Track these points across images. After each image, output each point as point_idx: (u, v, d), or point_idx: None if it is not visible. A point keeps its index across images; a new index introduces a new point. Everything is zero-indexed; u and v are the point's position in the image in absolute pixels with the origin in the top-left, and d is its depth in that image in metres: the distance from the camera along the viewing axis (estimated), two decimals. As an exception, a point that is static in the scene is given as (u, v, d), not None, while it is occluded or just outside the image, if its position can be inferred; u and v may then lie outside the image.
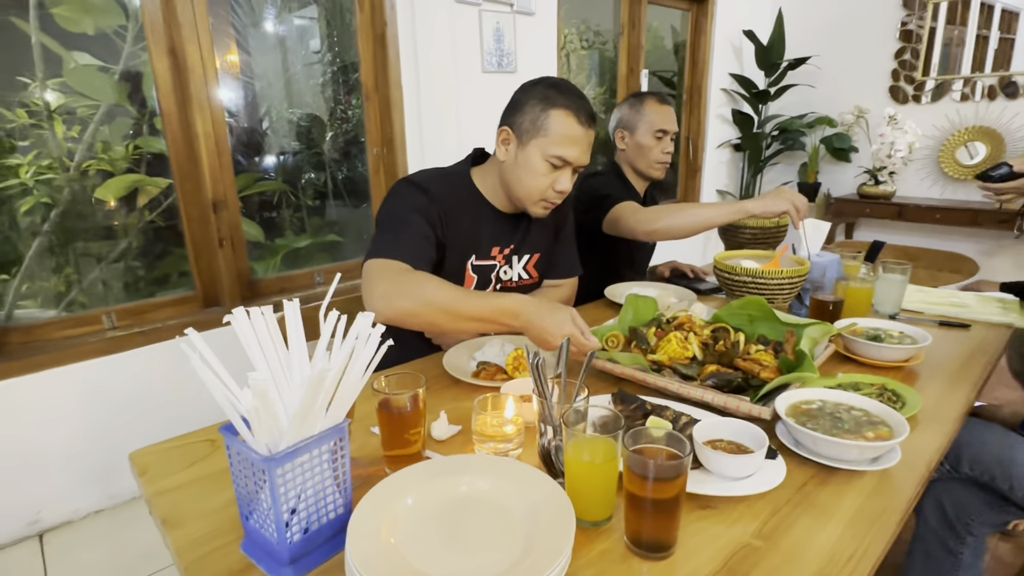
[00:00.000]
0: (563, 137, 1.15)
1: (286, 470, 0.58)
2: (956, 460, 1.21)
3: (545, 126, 1.15)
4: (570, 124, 1.15)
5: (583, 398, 0.73)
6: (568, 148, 1.16)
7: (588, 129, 1.18)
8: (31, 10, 1.82)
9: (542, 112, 1.15)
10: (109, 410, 1.91)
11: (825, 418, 0.84)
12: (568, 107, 1.15)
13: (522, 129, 1.18)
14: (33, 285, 2.01)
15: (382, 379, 0.79)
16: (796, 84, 3.99)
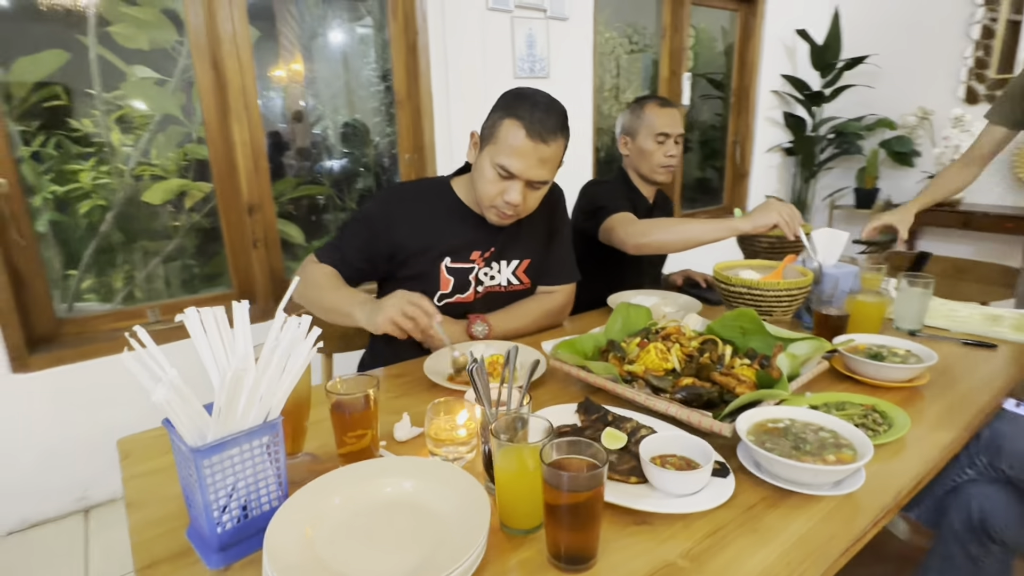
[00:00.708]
0: (508, 147, 1.16)
1: (213, 462, 0.61)
2: (995, 455, 1.12)
3: (497, 134, 1.17)
4: (517, 135, 1.14)
5: (516, 408, 0.74)
6: (511, 159, 1.16)
7: (539, 144, 1.15)
8: (91, 28, 1.98)
9: (499, 120, 1.17)
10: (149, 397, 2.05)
11: (788, 438, 0.80)
12: (520, 119, 1.14)
13: (483, 135, 1.21)
14: (92, 281, 2.20)
15: (337, 381, 0.82)
16: (853, 85, 3.79)
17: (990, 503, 1.12)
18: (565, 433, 0.87)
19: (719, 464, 0.78)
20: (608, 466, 0.77)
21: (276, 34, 2.43)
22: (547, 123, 1.17)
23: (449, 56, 2.48)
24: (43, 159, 2.05)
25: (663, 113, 1.66)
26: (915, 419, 0.93)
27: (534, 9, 2.68)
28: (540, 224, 1.37)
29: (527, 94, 1.21)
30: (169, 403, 0.56)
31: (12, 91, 1.96)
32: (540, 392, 1.06)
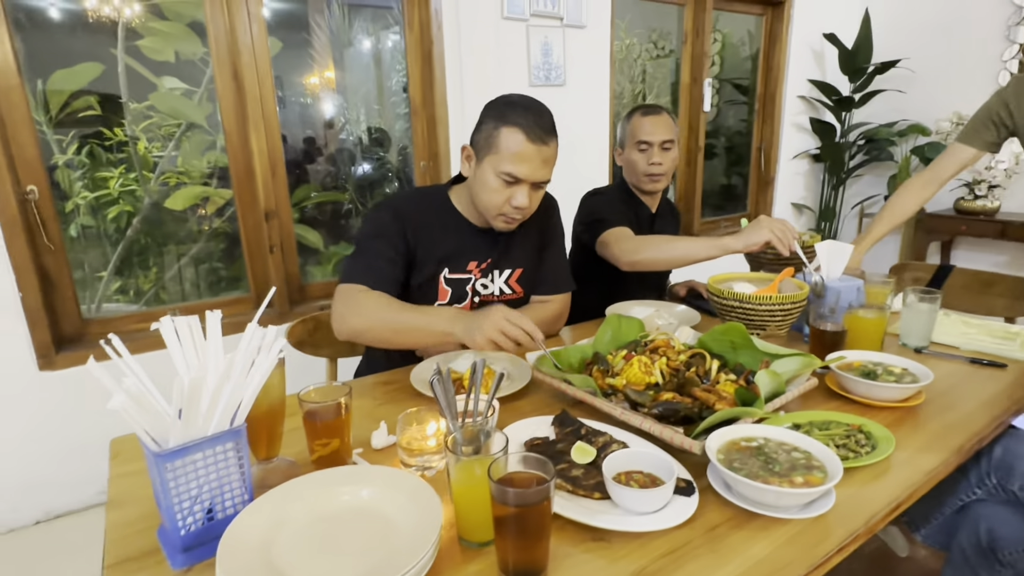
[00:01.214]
0: (512, 155, 1.17)
1: (176, 466, 0.64)
2: (1006, 475, 1.07)
3: (496, 143, 1.18)
4: (519, 141, 1.17)
5: (480, 420, 0.74)
6: (517, 165, 1.17)
7: (540, 146, 1.18)
8: (119, 42, 2.08)
9: (494, 129, 1.18)
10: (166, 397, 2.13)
11: (759, 458, 0.79)
12: (518, 124, 1.17)
13: (479, 146, 1.22)
14: (118, 283, 2.29)
15: (311, 389, 0.84)
16: (884, 90, 3.68)
17: (999, 525, 1.07)
18: (537, 446, 0.87)
19: (684, 482, 0.77)
20: (573, 481, 0.78)
21: (305, 43, 2.50)
22: (543, 124, 1.20)
23: (464, 65, 2.51)
24: (76, 166, 2.15)
25: (644, 121, 1.64)
26: (903, 441, 0.90)
27: (550, 17, 2.69)
28: (534, 233, 1.38)
29: (516, 100, 1.23)
30: (126, 411, 0.59)
31: (50, 101, 2.06)
32: (523, 403, 1.06)
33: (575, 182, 1.92)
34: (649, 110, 1.66)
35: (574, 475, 0.79)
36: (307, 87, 2.58)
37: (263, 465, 0.83)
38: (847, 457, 0.84)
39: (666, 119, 1.65)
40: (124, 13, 2.07)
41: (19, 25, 1.87)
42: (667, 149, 1.66)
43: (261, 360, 0.69)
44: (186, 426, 0.63)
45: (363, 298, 1.16)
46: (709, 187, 4.09)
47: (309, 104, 2.62)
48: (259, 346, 0.70)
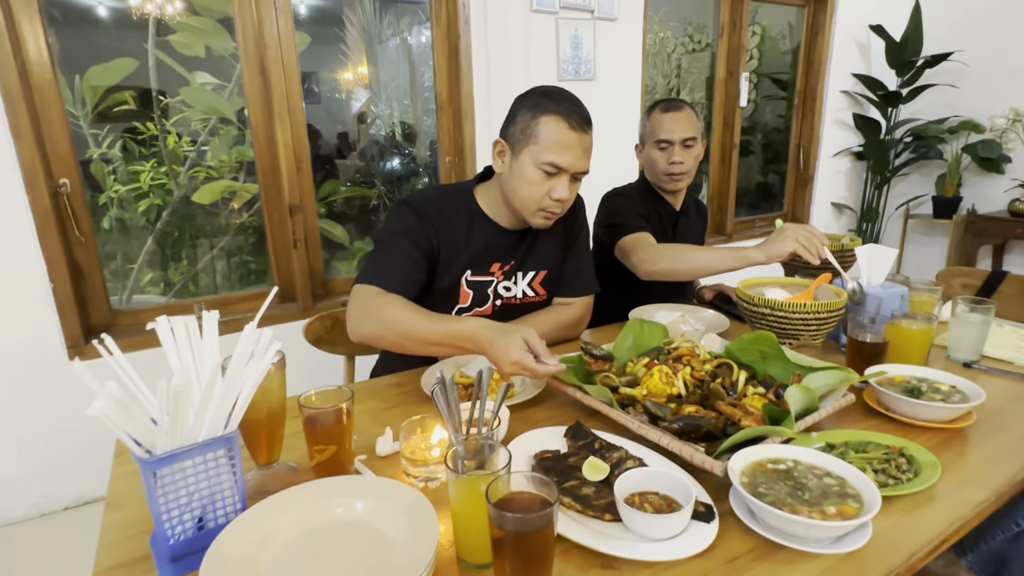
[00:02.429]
0: (553, 143, 1.13)
1: (164, 473, 0.61)
2: None
3: (535, 133, 1.14)
4: (560, 129, 1.13)
5: (481, 434, 0.70)
6: (559, 154, 1.13)
7: (581, 134, 1.15)
8: (150, 36, 2.10)
9: (532, 120, 1.14)
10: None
11: (788, 483, 0.72)
12: (557, 112, 1.13)
13: (514, 139, 1.17)
14: (149, 275, 2.33)
15: (311, 394, 0.81)
16: (935, 84, 3.49)
17: None
18: (547, 459, 0.82)
19: (704, 507, 0.71)
20: (583, 500, 0.73)
21: (336, 39, 2.50)
22: (581, 112, 1.17)
23: (491, 59, 2.46)
24: (111, 160, 2.19)
25: (665, 119, 1.56)
26: (949, 467, 0.82)
27: (581, 10, 2.62)
28: (559, 233, 1.33)
29: (551, 91, 1.19)
30: (107, 416, 0.56)
31: (86, 96, 2.10)
32: (536, 411, 1.02)
33: (605, 179, 1.86)
34: (670, 106, 1.58)
35: (584, 494, 0.74)
36: (338, 82, 2.57)
37: (263, 471, 0.80)
38: (886, 484, 0.77)
39: (688, 115, 1.57)
40: (156, 9, 2.09)
41: (53, 21, 1.90)
42: (689, 147, 1.58)
43: (255, 364, 0.66)
44: (173, 432, 0.61)
45: (381, 301, 1.08)
46: (745, 185, 3.96)
47: (340, 99, 2.62)
48: (253, 350, 0.67)
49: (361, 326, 1.08)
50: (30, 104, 1.79)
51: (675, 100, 1.59)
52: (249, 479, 0.80)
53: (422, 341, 1.03)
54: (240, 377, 0.65)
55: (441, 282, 1.23)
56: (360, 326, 1.09)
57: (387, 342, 1.08)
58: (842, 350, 1.24)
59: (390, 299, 1.08)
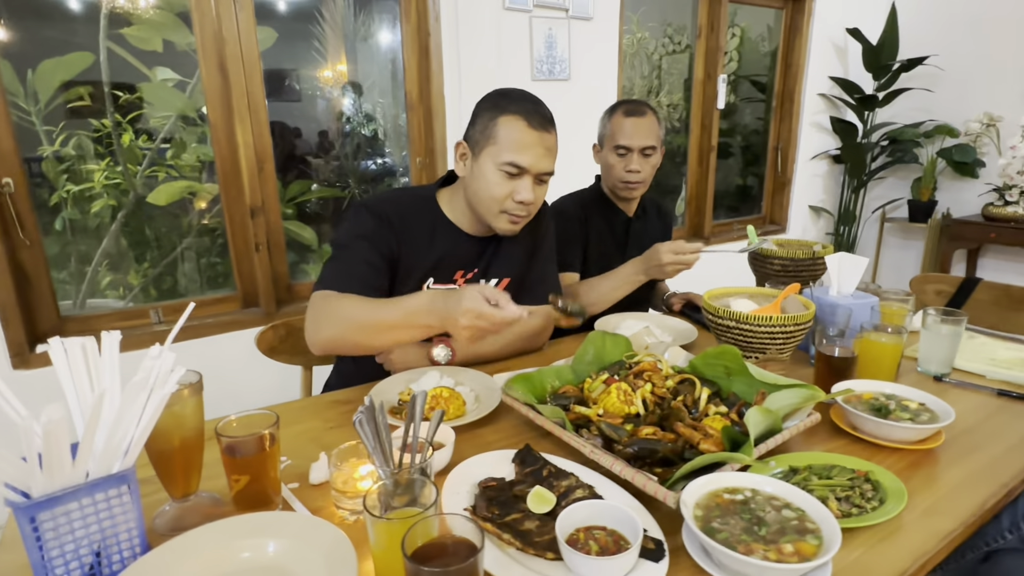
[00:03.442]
0: (513, 142, 1.09)
1: (44, 519, 0.54)
2: None
3: (494, 133, 1.10)
4: (519, 128, 1.09)
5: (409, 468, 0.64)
6: (519, 153, 1.09)
7: (542, 133, 1.11)
8: (101, 31, 2.00)
9: (491, 120, 1.10)
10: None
11: (744, 516, 0.67)
12: (517, 112, 1.09)
13: (474, 140, 1.13)
14: (103, 280, 2.23)
15: (231, 420, 0.74)
16: (911, 88, 3.49)
17: None
18: (491, 488, 0.76)
19: (653, 543, 0.66)
20: (524, 537, 0.67)
21: (309, 35, 2.42)
22: (543, 112, 1.14)
23: (462, 58, 2.40)
24: (64, 158, 2.09)
25: (626, 124, 1.50)
26: (917, 494, 0.78)
27: (555, 8, 2.57)
28: (525, 239, 1.28)
29: (511, 91, 1.16)
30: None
31: (39, 91, 2.00)
32: (488, 431, 0.96)
33: (581, 181, 1.80)
34: (633, 110, 1.51)
35: (526, 529, 0.68)
36: (314, 80, 2.49)
37: (180, 503, 0.73)
38: (849, 514, 0.73)
39: (650, 122, 1.51)
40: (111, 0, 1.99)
41: None
42: (647, 155, 1.52)
43: (156, 392, 0.59)
44: (51, 472, 0.54)
45: (331, 303, 1.04)
46: (724, 187, 3.93)
47: (315, 97, 2.53)
48: (154, 375, 0.60)
49: (317, 332, 1.03)
50: (-33, 99, 1.69)
51: (638, 104, 1.53)
52: (163, 513, 0.73)
53: (379, 328, 0.99)
54: (136, 406, 0.58)
55: (402, 290, 1.16)
56: (316, 332, 1.04)
57: (347, 343, 1.03)
58: (812, 362, 1.19)
59: (342, 298, 1.03)
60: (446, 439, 0.85)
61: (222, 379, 2.10)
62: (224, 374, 2.10)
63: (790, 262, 1.42)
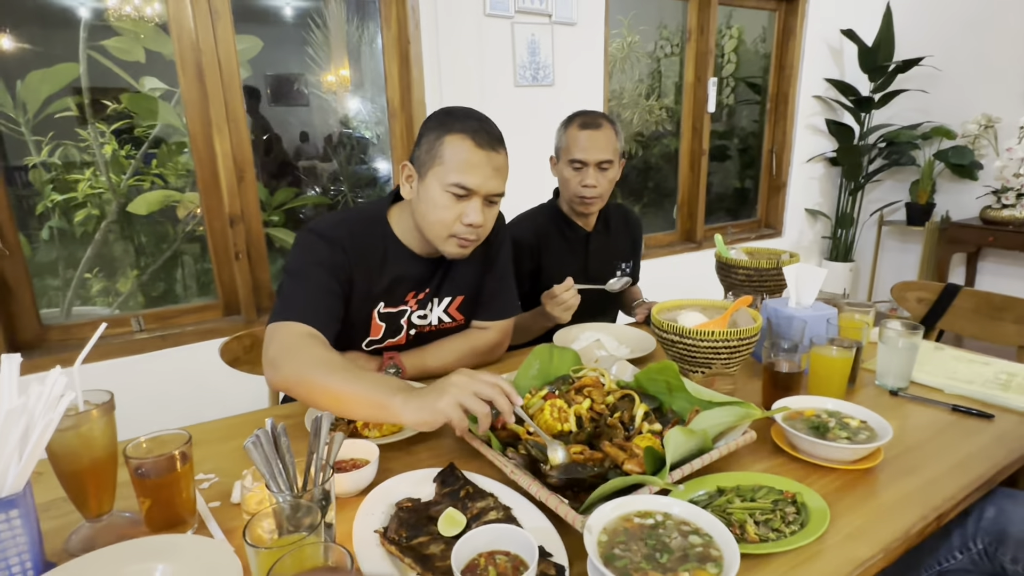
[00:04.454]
0: (459, 163, 1.05)
1: (-76, 545, 0.55)
2: (996, 542, 0.91)
3: (440, 154, 1.06)
4: (465, 148, 1.05)
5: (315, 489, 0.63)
6: (465, 174, 1.05)
7: (490, 152, 1.07)
8: (80, 43, 2.03)
9: (436, 140, 1.07)
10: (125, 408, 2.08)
11: (648, 542, 0.66)
12: (463, 131, 1.06)
13: (420, 161, 1.10)
14: (89, 288, 2.26)
15: (141, 441, 0.74)
16: (907, 89, 3.44)
17: None
18: (406, 508, 0.76)
19: (556, 569, 0.65)
20: (424, 562, 0.67)
21: (301, 41, 2.44)
22: (490, 130, 1.10)
23: (443, 65, 2.40)
24: (50, 168, 2.12)
25: (581, 136, 1.46)
26: (843, 516, 0.76)
27: (537, 14, 2.56)
28: (477, 256, 1.24)
29: (456, 110, 1.13)
30: None
31: (27, 102, 2.03)
32: (420, 448, 0.95)
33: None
34: (589, 122, 1.47)
35: (430, 553, 0.67)
36: (303, 86, 2.51)
37: (93, 523, 0.74)
38: (767, 538, 0.71)
39: (606, 134, 1.47)
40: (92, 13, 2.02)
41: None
42: (604, 169, 1.48)
43: (41, 416, 0.59)
44: (-71, 500, 0.54)
45: (300, 347, 0.95)
46: (722, 190, 3.91)
47: (305, 103, 2.55)
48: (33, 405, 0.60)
49: (275, 371, 0.95)
50: (-55, 113, 1.71)
51: (595, 115, 1.49)
52: (77, 532, 0.73)
53: (339, 399, 0.87)
54: (15, 433, 0.58)
55: (352, 316, 1.14)
56: (274, 371, 0.95)
57: (302, 394, 0.92)
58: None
59: (307, 343, 0.96)
60: (370, 455, 0.85)
61: (201, 387, 2.12)
62: (203, 382, 2.12)
63: (754, 272, 1.40)
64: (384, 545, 0.69)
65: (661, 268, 3.20)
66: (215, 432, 1.01)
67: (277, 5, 2.46)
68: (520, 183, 2.01)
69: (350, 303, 1.13)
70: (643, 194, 3.65)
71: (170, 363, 2.13)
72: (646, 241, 3.33)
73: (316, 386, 0.90)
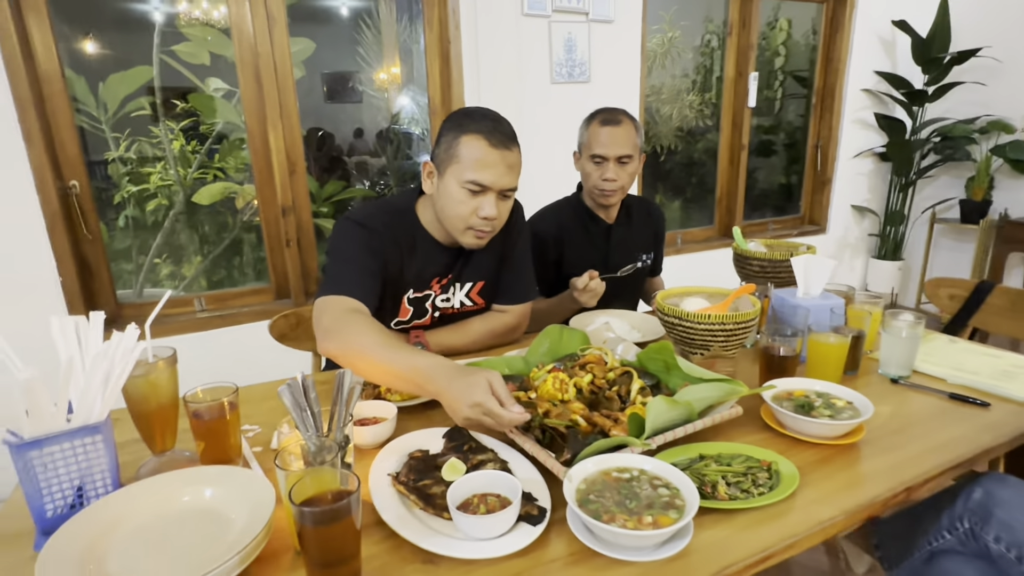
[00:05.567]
0: (474, 161, 1.14)
1: (31, 457, 0.69)
2: (981, 522, 0.95)
3: (457, 153, 1.16)
4: (480, 147, 1.14)
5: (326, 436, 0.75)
6: (480, 172, 1.15)
7: (503, 151, 1.15)
8: (154, 48, 2.24)
9: (454, 140, 1.16)
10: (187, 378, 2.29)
11: (621, 492, 0.74)
12: (478, 131, 1.14)
13: (439, 160, 1.19)
14: (166, 270, 2.50)
15: (198, 391, 0.88)
16: (963, 82, 3.31)
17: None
18: (415, 458, 0.87)
19: (537, 510, 0.74)
20: (428, 499, 0.77)
21: (353, 41, 2.62)
22: (503, 129, 1.18)
23: (481, 64, 2.50)
24: (127, 162, 2.36)
25: (602, 132, 1.54)
26: (814, 485, 0.82)
27: (574, 12, 2.63)
28: (496, 244, 1.33)
29: (472, 111, 1.22)
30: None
31: (107, 102, 2.26)
32: (436, 412, 1.06)
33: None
34: (609, 119, 1.54)
35: (432, 493, 0.78)
36: (355, 84, 2.68)
37: (158, 458, 0.88)
38: (736, 497, 0.78)
39: (626, 131, 1.54)
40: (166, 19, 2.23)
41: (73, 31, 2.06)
42: (624, 164, 1.55)
43: (115, 362, 0.73)
44: (36, 422, 0.68)
45: (351, 320, 1.05)
46: (767, 186, 3.87)
47: (355, 101, 2.72)
48: (112, 353, 0.74)
49: (325, 340, 1.05)
50: (40, 111, 1.94)
51: (615, 112, 1.56)
52: (146, 465, 0.87)
53: (380, 368, 0.96)
54: (99, 372, 0.72)
55: (384, 298, 1.25)
56: (324, 340, 1.06)
57: (348, 364, 1.00)
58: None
59: (363, 321, 1.05)
60: (389, 414, 0.97)
61: (252, 361, 2.31)
62: (254, 356, 2.30)
63: (768, 263, 1.44)
64: (394, 486, 0.80)
65: (699, 263, 3.22)
66: (260, 393, 1.15)
67: (332, 6, 2.63)
68: (556, 177, 2.10)
69: (384, 286, 1.24)
70: (686, 189, 3.66)
71: (226, 340, 2.32)
72: (684, 236, 3.35)
73: (365, 357, 0.98)
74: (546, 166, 2.47)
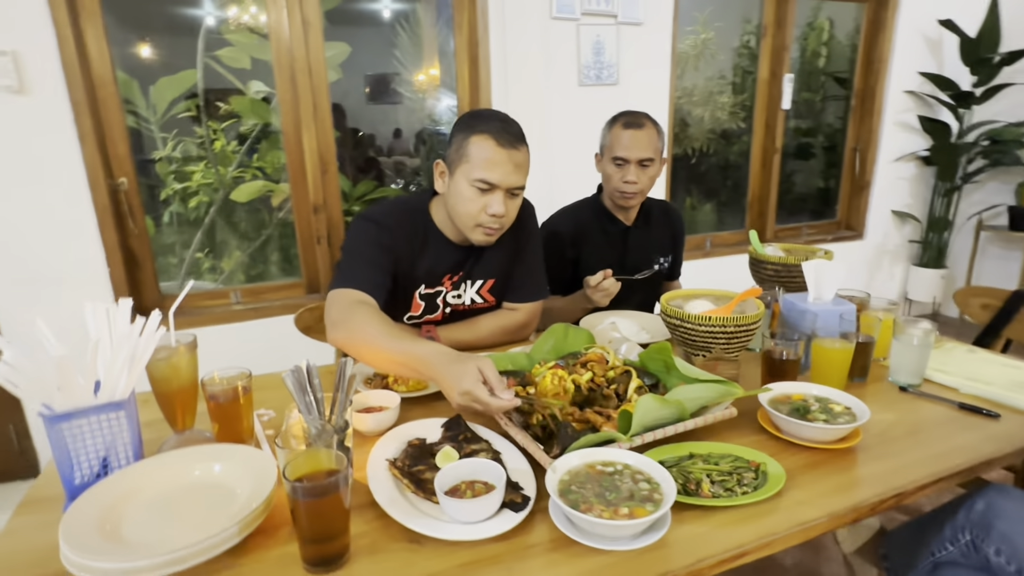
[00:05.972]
0: (482, 160, 1.18)
1: (62, 428, 0.76)
2: (982, 534, 0.94)
3: (467, 152, 1.20)
4: (488, 147, 1.18)
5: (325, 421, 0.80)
6: (488, 170, 1.19)
7: (511, 151, 1.19)
8: (199, 53, 2.36)
9: (464, 140, 1.20)
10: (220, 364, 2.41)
11: (602, 484, 0.77)
12: (486, 131, 1.18)
13: (450, 160, 1.24)
14: (208, 263, 2.63)
15: (215, 375, 0.94)
16: (1014, 83, 3.17)
17: None
18: (413, 446, 0.91)
19: (521, 497, 0.77)
20: (420, 484, 0.82)
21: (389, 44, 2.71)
22: (511, 130, 1.22)
23: (509, 66, 2.54)
24: (172, 161, 2.50)
25: (624, 135, 1.55)
26: (804, 487, 0.83)
27: (603, 15, 2.64)
28: (507, 242, 1.37)
29: (482, 112, 1.27)
30: (6, 381, 0.71)
31: (156, 104, 2.40)
32: (440, 404, 1.10)
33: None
34: (631, 122, 1.56)
35: (424, 477, 0.82)
36: (395, 85, 2.77)
37: (178, 436, 0.95)
38: (719, 495, 0.79)
39: (648, 134, 1.55)
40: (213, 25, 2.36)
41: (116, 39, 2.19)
42: (645, 167, 1.56)
43: (137, 343, 0.80)
44: (67, 396, 0.75)
45: (355, 310, 1.11)
46: (805, 190, 3.78)
47: (395, 102, 2.82)
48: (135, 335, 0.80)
49: (333, 330, 1.12)
50: (94, 113, 2.08)
51: (637, 115, 1.58)
52: (167, 442, 0.95)
53: (382, 356, 1.03)
54: (124, 352, 0.79)
55: (396, 293, 1.30)
56: (331, 330, 1.13)
57: (353, 351, 1.07)
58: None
59: (367, 311, 1.11)
60: (391, 403, 1.01)
61: (280, 351, 2.40)
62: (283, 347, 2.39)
63: (782, 267, 1.43)
64: (390, 470, 0.85)
65: (726, 266, 3.18)
66: (276, 380, 1.21)
67: (370, 9, 2.72)
68: (582, 180, 2.11)
69: (396, 281, 1.29)
70: (719, 192, 3.62)
71: (258, 331, 2.43)
72: (713, 239, 3.31)
73: (369, 346, 1.05)
74: (573, 168, 2.49)
